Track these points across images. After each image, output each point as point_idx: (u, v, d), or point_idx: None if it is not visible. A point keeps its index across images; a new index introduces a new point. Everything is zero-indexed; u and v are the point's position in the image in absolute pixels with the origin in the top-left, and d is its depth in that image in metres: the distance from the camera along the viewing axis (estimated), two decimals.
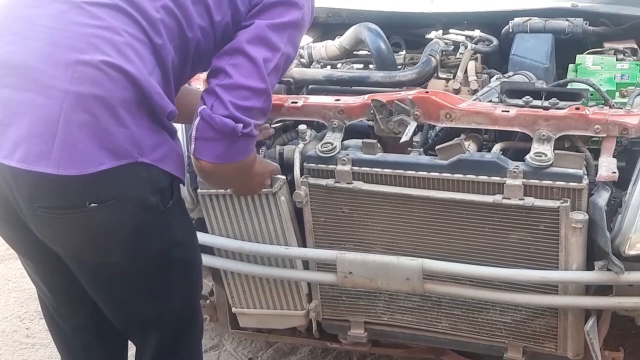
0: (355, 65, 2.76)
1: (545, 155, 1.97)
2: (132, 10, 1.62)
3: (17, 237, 1.78)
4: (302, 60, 2.76)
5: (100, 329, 1.98)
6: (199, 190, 2.21)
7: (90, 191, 1.58)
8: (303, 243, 2.28)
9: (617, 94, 2.29)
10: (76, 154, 1.54)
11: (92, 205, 1.59)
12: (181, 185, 1.83)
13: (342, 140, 2.19)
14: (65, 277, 1.82)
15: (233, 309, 2.46)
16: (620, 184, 1.99)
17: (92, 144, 1.54)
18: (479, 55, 2.62)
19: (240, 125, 1.65)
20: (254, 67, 1.69)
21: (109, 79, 1.55)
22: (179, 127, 2.09)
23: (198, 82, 2.23)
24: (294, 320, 2.45)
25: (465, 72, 2.53)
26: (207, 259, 2.23)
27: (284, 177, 2.20)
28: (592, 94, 2.19)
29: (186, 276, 1.89)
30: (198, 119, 1.67)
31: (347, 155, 2.13)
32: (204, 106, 1.67)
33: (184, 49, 1.73)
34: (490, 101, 2.21)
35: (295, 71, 2.54)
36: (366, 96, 2.20)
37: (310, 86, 2.56)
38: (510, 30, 2.68)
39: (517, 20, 2.69)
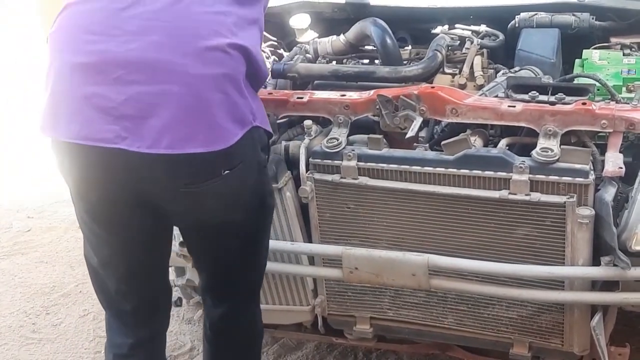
0: (361, 61, 2.76)
1: (552, 150, 1.97)
2: None
3: (126, 220, 1.87)
4: (307, 55, 2.75)
5: (155, 306, 2.09)
6: None
7: (226, 161, 1.76)
8: (309, 238, 2.28)
9: (624, 89, 2.28)
10: (218, 130, 1.71)
11: (226, 172, 1.77)
12: None
13: (348, 135, 2.19)
14: (149, 257, 1.97)
15: None
16: (627, 180, 1.99)
17: (228, 118, 1.72)
18: (485, 50, 2.61)
19: None
20: None
21: (231, 57, 1.72)
22: None
23: None
24: (299, 316, 2.46)
25: (471, 67, 2.52)
26: None
27: (290, 173, 2.20)
28: (598, 89, 2.18)
29: (270, 221, 2.09)
30: None
31: (353, 150, 2.13)
32: None
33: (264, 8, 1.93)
34: (497, 96, 2.20)
35: (301, 66, 2.53)
36: (372, 91, 2.20)
37: (315, 82, 2.56)
38: (517, 25, 2.68)
39: (523, 15, 2.68)
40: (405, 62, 2.67)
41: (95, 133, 1.70)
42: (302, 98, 2.24)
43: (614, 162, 1.94)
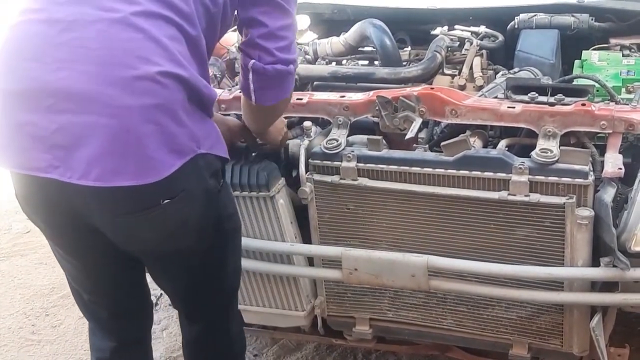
0: (360, 62, 2.76)
1: (551, 151, 1.97)
2: (167, 13, 1.69)
3: (78, 243, 1.86)
4: (307, 56, 2.76)
5: (133, 312, 2.08)
6: None
7: (164, 190, 1.68)
8: (304, 242, 2.28)
9: (623, 90, 2.29)
10: (150, 162, 1.63)
11: (165, 202, 1.70)
12: None
13: (347, 136, 2.19)
14: (113, 272, 1.95)
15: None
16: (626, 180, 1.99)
17: (162, 150, 1.64)
18: (484, 52, 2.62)
19: (291, 66, 1.84)
20: (280, 8, 1.82)
21: (164, 87, 1.63)
22: None
23: None
24: (295, 320, 2.46)
25: (471, 68, 2.53)
26: None
27: (284, 179, 2.20)
28: (598, 90, 2.18)
29: (236, 242, 2.04)
30: (251, 73, 1.84)
31: (353, 151, 2.13)
32: (252, 60, 1.83)
33: (211, 28, 1.82)
34: (496, 97, 2.20)
35: (301, 68, 2.54)
36: (371, 92, 2.20)
37: (315, 83, 2.56)
38: (516, 26, 2.68)
39: (522, 16, 2.69)
40: (404, 63, 2.67)
41: (30, 162, 1.67)
42: (301, 99, 2.24)
43: (614, 163, 1.94)
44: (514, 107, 2.06)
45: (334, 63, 2.75)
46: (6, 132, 1.69)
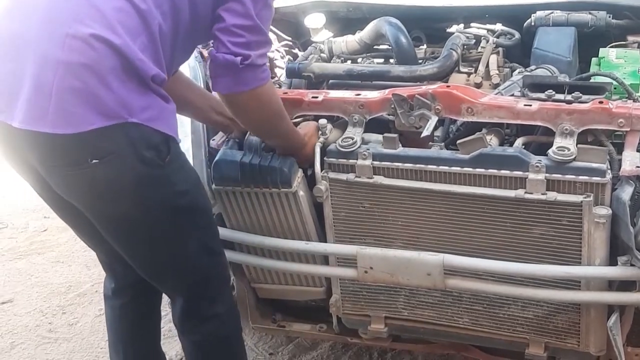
0: (376, 60, 2.75)
1: (568, 149, 1.96)
2: None
3: (41, 191, 2.04)
4: (322, 55, 2.75)
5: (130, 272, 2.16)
6: (213, 187, 2.23)
7: (88, 149, 1.78)
8: (323, 237, 2.28)
9: None
10: (69, 115, 1.74)
11: (94, 161, 1.79)
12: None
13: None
14: (82, 223, 2.06)
15: (251, 284, 2.48)
16: None
17: (83, 107, 1.74)
18: (500, 49, 2.60)
19: (239, 58, 1.88)
20: (242, 7, 1.90)
21: (93, 49, 1.73)
22: None
23: None
24: (313, 294, 2.47)
25: (487, 66, 2.52)
26: (227, 254, 2.24)
27: (302, 171, 2.20)
28: (615, 88, 2.17)
29: (195, 221, 2.03)
30: (209, 60, 1.96)
31: (368, 149, 2.12)
32: (211, 48, 1.96)
33: (174, 14, 1.89)
34: (513, 95, 2.19)
35: (316, 66, 2.54)
36: (387, 91, 2.20)
37: (330, 81, 2.56)
38: (533, 23, 2.66)
39: (539, 13, 2.67)
40: (420, 61, 2.66)
41: None
42: (317, 97, 2.24)
43: (631, 161, 1.93)
44: (530, 105, 2.05)
45: (349, 61, 2.74)
46: None
